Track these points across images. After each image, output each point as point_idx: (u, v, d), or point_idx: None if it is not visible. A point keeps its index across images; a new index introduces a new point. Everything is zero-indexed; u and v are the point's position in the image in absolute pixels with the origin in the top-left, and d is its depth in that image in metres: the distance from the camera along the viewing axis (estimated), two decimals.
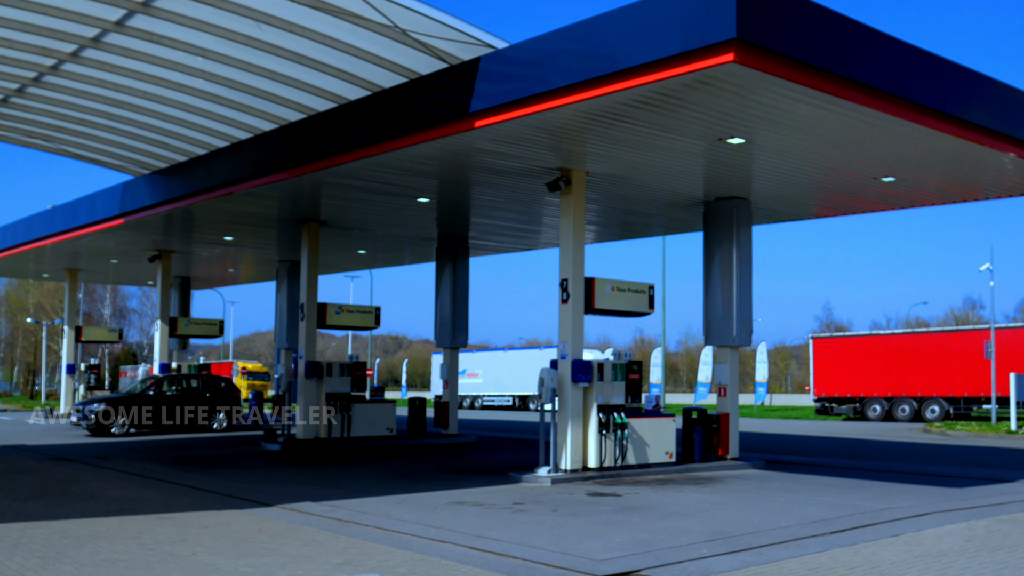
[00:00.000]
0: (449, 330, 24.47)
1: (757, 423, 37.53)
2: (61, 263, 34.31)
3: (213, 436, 26.31)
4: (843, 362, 41.48)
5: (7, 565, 8.35)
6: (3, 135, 21.19)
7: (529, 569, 8.52)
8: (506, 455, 20.86)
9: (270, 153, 18.25)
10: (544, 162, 16.05)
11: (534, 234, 24.59)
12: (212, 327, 33.61)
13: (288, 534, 10.30)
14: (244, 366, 58.49)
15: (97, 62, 15.89)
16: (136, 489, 14.17)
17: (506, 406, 52.99)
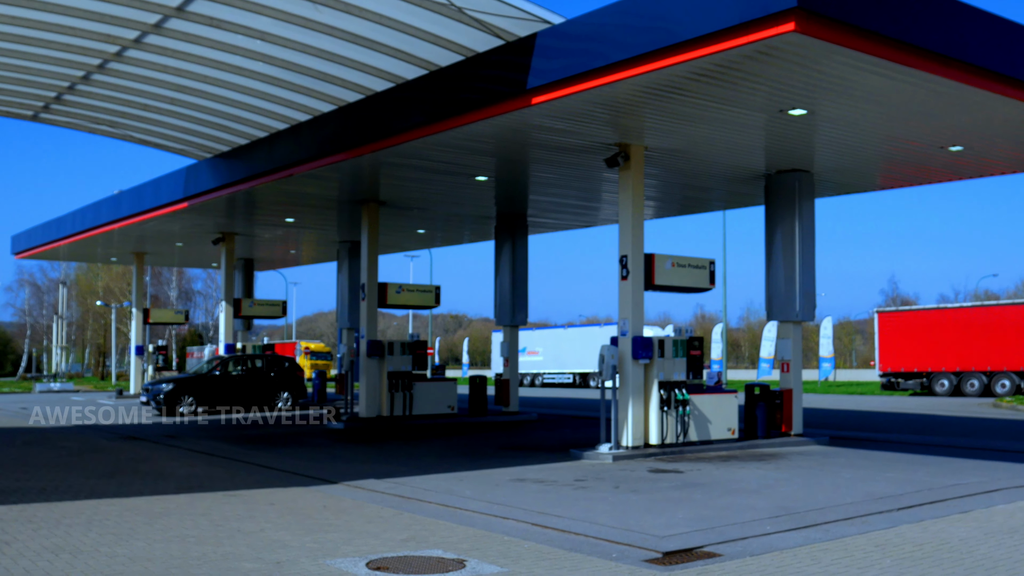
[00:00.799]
0: (509, 308, 24.50)
1: (821, 399, 37.07)
2: (128, 247, 35.04)
3: (277, 415, 26.73)
4: (910, 336, 40.71)
5: (83, 541, 8.58)
6: (70, 122, 21.64)
7: (591, 545, 8.52)
8: (567, 432, 20.88)
9: (329, 134, 18.39)
10: (602, 138, 15.94)
11: (593, 211, 24.48)
12: (275, 308, 34.09)
13: (353, 511, 10.44)
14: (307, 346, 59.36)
15: (159, 48, 16.12)
16: (204, 467, 14.46)
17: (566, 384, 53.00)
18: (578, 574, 7.38)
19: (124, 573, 7.32)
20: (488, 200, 22.80)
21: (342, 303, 29.25)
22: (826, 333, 47.97)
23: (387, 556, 7.98)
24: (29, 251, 37.22)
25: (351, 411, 23.25)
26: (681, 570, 7.53)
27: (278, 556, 7.96)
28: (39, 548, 8.24)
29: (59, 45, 16.18)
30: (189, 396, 26.54)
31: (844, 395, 42.23)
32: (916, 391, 40.73)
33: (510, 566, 7.63)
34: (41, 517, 9.80)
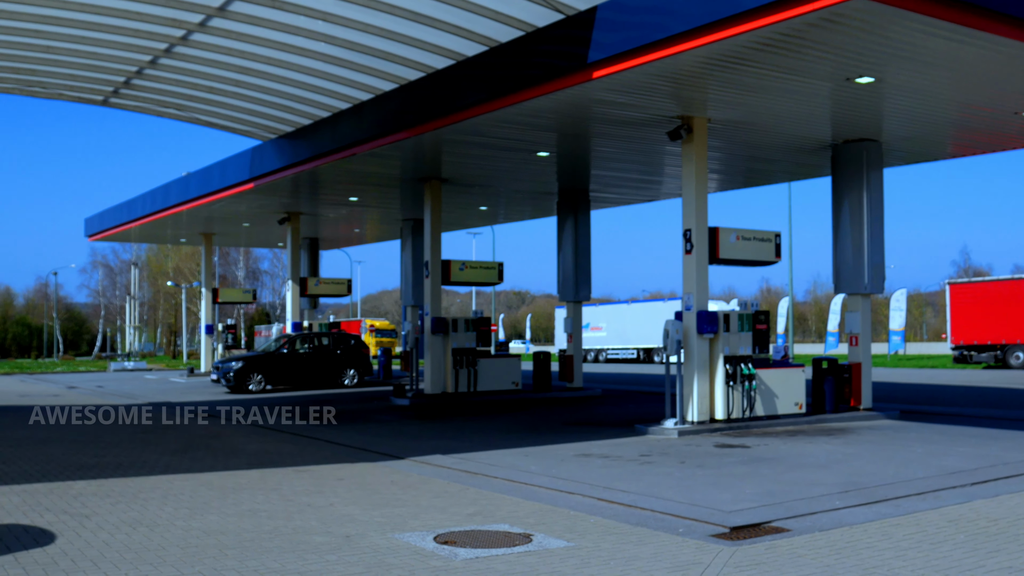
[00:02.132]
0: (572, 284, 24.47)
1: (891, 373, 36.43)
2: (197, 228, 35.70)
3: (344, 392, 27.11)
4: (983, 308, 39.71)
5: (158, 515, 8.82)
6: (139, 106, 22.07)
7: (658, 520, 8.51)
8: (631, 408, 20.84)
9: (391, 113, 18.48)
10: (664, 111, 15.77)
11: (655, 185, 24.28)
12: (341, 286, 34.48)
13: (420, 486, 10.56)
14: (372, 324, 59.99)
15: (223, 31, 16.33)
16: (274, 443, 14.74)
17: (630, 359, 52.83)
18: (644, 549, 7.38)
19: (199, 546, 7.51)
20: (550, 176, 22.75)
21: (406, 281, 29.49)
22: (897, 306, 47.06)
23: (454, 530, 8.06)
24: (102, 233, 38.13)
25: (416, 388, 23.47)
26: (749, 545, 7.49)
27: (347, 530, 8.09)
28: (117, 522, 8.48)
29: (127, 31, 16.48)
30: (258, 374, 27.04)
31: (915, 368, 41.46)
32: (990, 364, 39.79)
33: (576, 540, 7.66)
34: (119, 492, 10.09)
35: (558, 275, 25.04)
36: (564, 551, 7.31)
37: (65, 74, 19.51)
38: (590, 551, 7.31)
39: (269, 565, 6.89)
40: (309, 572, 6.69)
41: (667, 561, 6.98)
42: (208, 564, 6.92)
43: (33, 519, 8.61)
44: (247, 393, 26.49)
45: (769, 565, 6.83)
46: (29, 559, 7.09)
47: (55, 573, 6.67)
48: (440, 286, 23.39)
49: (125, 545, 7.56)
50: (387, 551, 7.32)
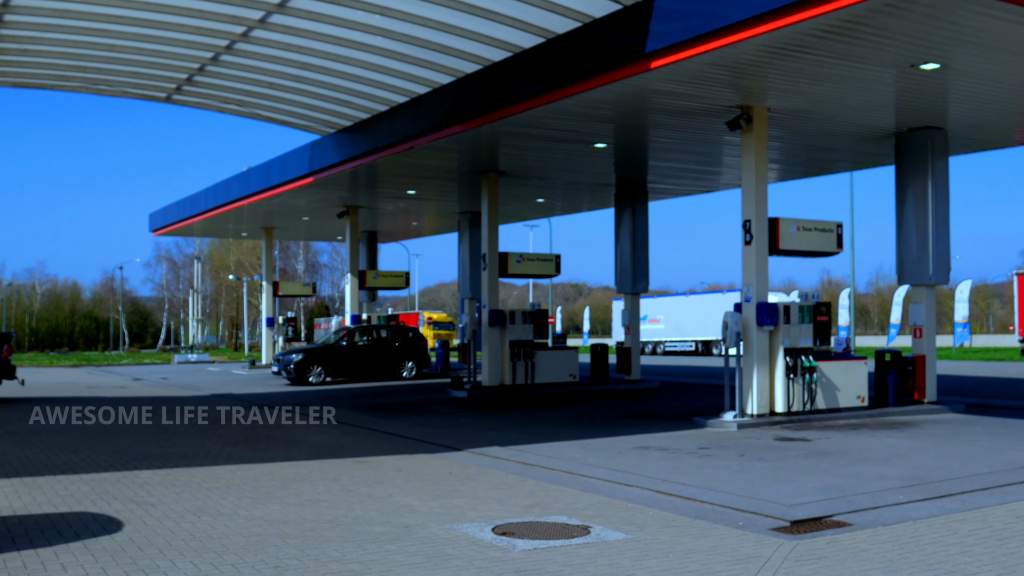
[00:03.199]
0: (630, 276, 24.35)
1: (956, 365, 35.68)
2: (257, 222, 36.21)
3: (402, 384, 27.32)
4: None
5: (222, 503, 8.98)
6: (201, 102, 22.41)
7: (717, 513, 8.44)
8: (690, 400, 20.70)
9: (448, 106, 18.54)
10: (723, 100, 15.61)
11: (713, 175, 24.06)
12: (399, 279, 34.73)
13: (478, 477, 10.60)
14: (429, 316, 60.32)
15: (283, 26, 16.50)
16: (333, 434, 14.90)
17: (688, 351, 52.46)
18: (704, 542, 7.33)
19: (262, 535, 7.62)
20: (607, 167, 22.66)
21: (463, 273, 29.60)
22: (962, 297, 46.08)
23: (512, 522, 8.09)
24: (165, 228, 38.86)
25: (474, 380, 23.56)
26: (810, 539, 7.39)
27: (407, 520, 8.15)
28: (182, 510, 8.65)
29: (190, 28, 16.74)
30: (318, 366, 27.37)
31: (981, 361, 40.54)
32: None
33: (635, 533, 7.64)
34: (183, 481, 10.28)
35: (616, 267, 24.94)
36: (622, 543, 7.30)
37: (130, 72, 19.88)
38: (649, 544, 7.28)
39: (330, 554, 6.97)
40: (369, 562, 6.76)
41: (727, 555, 6.93)
42: (270, 553, 7.03)
43: (101, 507, 8.82)
44: (307, 385, 26.82)
45: (831, 559, 6.74)
46: (98, 546, 7.26)
47: (123, 560, 6.82)
48: (497, 278, 23.43)
49: (190, 533, 7.70)
50: (446, 542, 7.37)
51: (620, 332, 25.77)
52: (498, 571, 6.50)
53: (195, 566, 6.67)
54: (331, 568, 6.59)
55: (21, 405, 20.21)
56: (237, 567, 6.63)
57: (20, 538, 7.53)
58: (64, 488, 9.88)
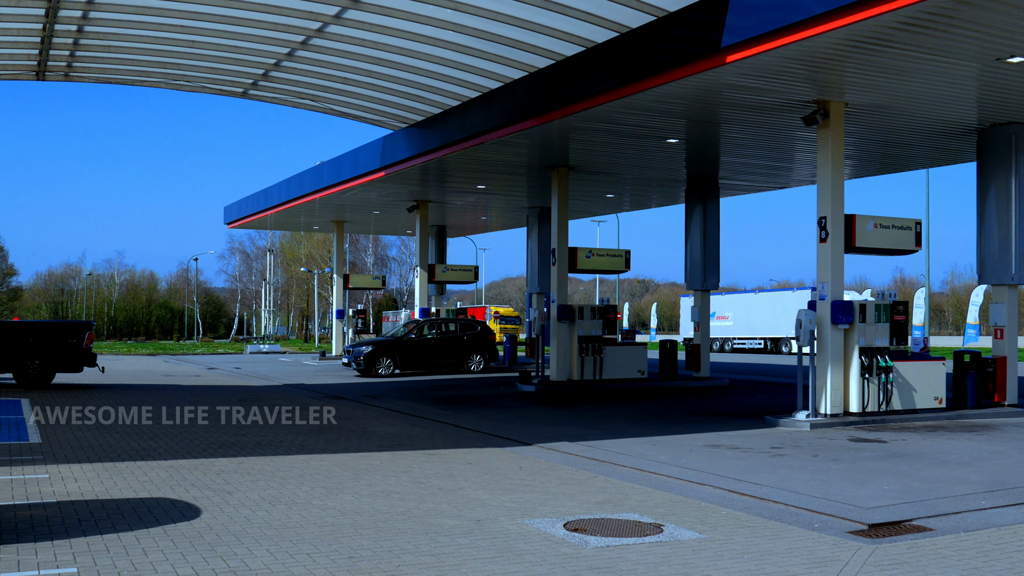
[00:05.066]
0: (700, 272, 24.12)
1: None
2: (329, 215, 36.67)
3: (470, 377, 27.43)
4: None
5: (296, 493, 9.10)
6: (276, 98, 22.75)
7: (791, 514, 8.31)
8: (761, 399, 20.43)
9: (519, 101, 18.53)
10: (799, 95, 15.35)
11: (786, 172, 23.70)
12: (468, 273, 34.88)
13: (547, 472, 10.59)
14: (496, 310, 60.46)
15: (357, 22, 16.66)
16: (403, 426, 15.01)
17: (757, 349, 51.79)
18: (779, 543, 7.22)
19: (335, 525, 7.71)
20: (678, 163, 22.45)
21: (532, 268, 29.61)
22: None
23: (584, 518, 8.06)
24: (239, 221, 39.57)
25: (542, 374, 23.55)
26: (889, 543, 7.24)
27: (478, 514, 8.18)
28: (257, 499, 8.79)
29: (266, 24, 16.99)
30: (387, 358, 27.62)
31: None
32: None
33: (708, 532, 7.55)
34: (258, 470, 10.45)
35: (685, 263, 24.72)
36: (696, 543, 7.22)
37: (208, 67, 20.25)
38: (723, 544, 7.20)
39: (403, 546, 7.02)
40: (442, 555, 6.79)
41: (803, 557, 6.81)
42: (344, 543, 7.10)
43: (180, 494, 9.00)
44: (376, 377, 27.08)
45: (912, 565, 6.59)
46: (177, 532, 7.41)
47: (201, 547, 6.95)
48: (567, 274, 23.39)
49: (265, 522, 7.82)
50: (517, 536, 7.37)
51: (688, 328, 25.57)
52: (571, 568, 6.48)
53: (271, 554, 6.77)
54: (405, 560, 6.63)
55: (101, 391, 20.75)
56: (312, 556, 6.71)
57: (102, 522, 7.72)
58: (143, 474, 10.11)
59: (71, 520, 7.78)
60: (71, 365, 21.74)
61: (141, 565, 6.43)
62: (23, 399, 18.40)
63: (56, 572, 6.25)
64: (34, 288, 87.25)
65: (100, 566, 6.39)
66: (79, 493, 8.98)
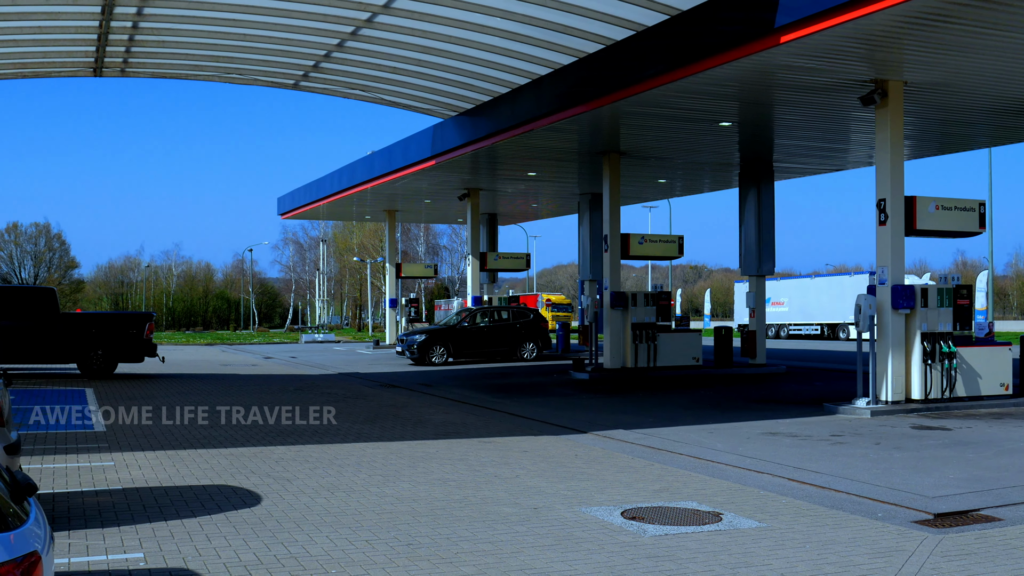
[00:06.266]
0: (755, 258, 23.84)
1: None
2: (380, 205, 36.86)
3: (523, 365, 27.44)
4: None
5: (354, 481, 9.16)
6: (327, 88, 22.89)
7: (853, 503, 8.17)
8: (819, 385, 20.16)
9: (569, 87, 18.43)
10: (856, 74, 15.05)
11: (842, 153, 23.32)
12: (519, 260, 34.86)
13: (603, 460, 10.54)
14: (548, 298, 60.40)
15: (406, 11, 16.67)
16: (458, 414, 15.05)
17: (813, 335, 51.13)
18: (841, 533, 7.10)
19: (393, 512, 7.74)
20: (731, 146, 22.19)
21: (583, 255, 29.49)
22: None
23: (641, 506, 8.00)
24: (293, 211, 39.95)
25: (595, 362, 23.47)
26: (956, 533, 7.08)
27: (535, 502, 8.16)
28: (316, 486, 8.86)
29: (317, 16, 17.08)
30: (440, 346, 27.73)
31: None
32: None
33: (768, 521, 7.46)
34: (316, 458, 10.54)
35: (740, 249, 24.45)
36: (756, 531, 7.13)
37: (260, 60, 20.43)
38: (783, 533, 7.10)
39: (460, 533, 7.03)
40: (500, 542, 6.79)
41: (866, 547, 6.69)
42: (403, 530, 7.13)
43: (240, 481, 9.11)
44: (430, 365, 27.21)
45: (980, 556, 6.44)
46: (239, 519, 7.50)
47: (262, 533, 7.03)
48: (619, 260, 23.26)
49: (324, 509, 7.88)
50: (575, 524, 7.34)
51: (743, 315, 25.28)
52: (630, 556, 6.44)
53: (331, 540, 6.82)
54: (463, 547, 6.64)
55: (162, 380, 21.11)
56: (371, 543, 6.75)
57: (166, 508, 7.85)
58: (205, 461, 10.25)
59: (136, 507, 7.91)
60: (133, 355, 22.15)
61: (205, 551, 6.51)
62: (87, 389, 18.77)
63: (123, 557, 6.36)
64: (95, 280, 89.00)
65: (165, 551, 6.49)
66: (143, 480, 9.13)
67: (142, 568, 6.13)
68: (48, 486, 8.77)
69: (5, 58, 19.52)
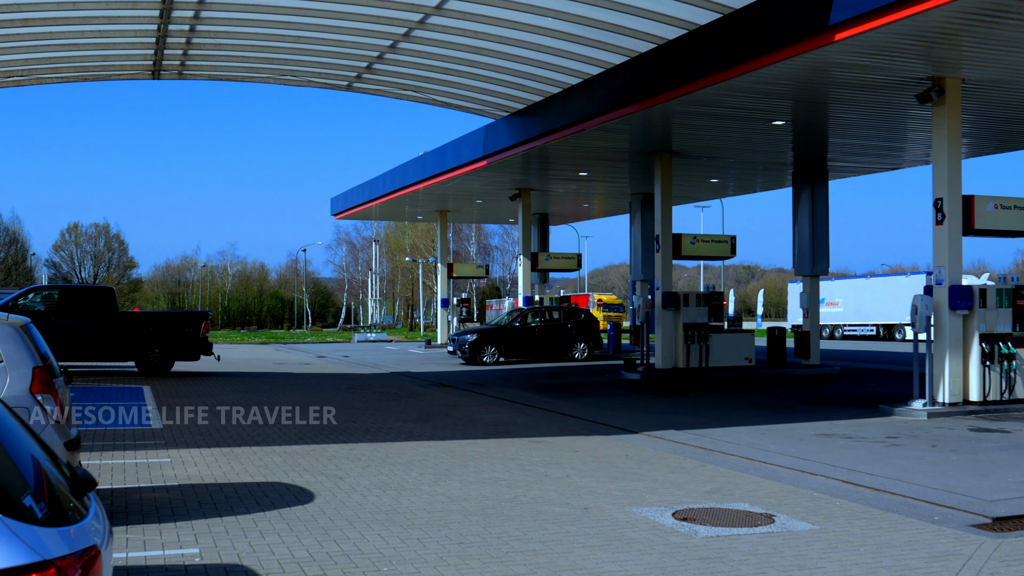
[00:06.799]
0: (808, 257, 23.58)
1: None
2: (432, 205, 37.06)
3: (574, 365, 27.41)
4: None
5: (405, 479, 9.23)
6: (379, 90, 23.08)
7: (909, 506, 8.06)
8: (873, 387, 19.87)
9: (621, 86, 18.39)
10: (912, 72, 14.82)
11: (897, 152, 22.98)
12: (571, 261, 34.83)
13: (655, 460, 10.50)
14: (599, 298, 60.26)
15: (458, 12, 16.76)
16: (508, 414, 15.09)
17: (869, 336, 50.39)
18: (897, 536, 7.01)
19: (444, 511, 7.79)
20: (784, 145, 21.96)
21: (635, 255, 29.38)
22: None
23: (693, 507, 7.96)
24: (346, 212, 40.34)
25: (647, 362, 23.38)
26: (1016, 538, 6.95)
27: (585, 502, 8.16)
28: (368, 484, 8.95)
29: (370, 17, 17.24)
30: (492, 346, 27.81)
31: None
32: None
33: (822, 524, 7.38)
34: (368, 456, 10.64)
35: (793, 248, 24.21)
36: (809, 534, 7.06)
37: (314, 62, 20.68)
38: (837, 535, 7.02)
39: (511, 533, 7.06)
40: (550, 542, 6.80)
41: (923, 550, 6.59)
42: (454, 529, 7.18)
43: (293, 479, 9.23)
44: (481, 365, 27.30)
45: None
46: (292, 515, 7.60)
47: (315, 530, 7.12)
48: (671, 260, 23.15)
49: (376, 507, 7.96)
50: (626, 525, 7.33)
51: (796, 315, 25.02)
52: (681, 557, 6.42)
53: (383, 539, 6.89)
54: (513, 547, 6.67)
55: (217, 379, 21.44)
56: (423, 541, 6.80)
57: (221, 505, 7.98)
58: (259, 459, 10.40)
59: (192, 503, 8.05)
60: (189, 354, 22.50)
61: (259, 547, 6.62)
62: (145, 386, 19.14)
63: (179, 552, 6.49)
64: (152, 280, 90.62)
65: (220, 547, 6.60)
66: (199, 477, 9.29)
67: (198, 564, 6.25)
68: (106, 482, 8.97)
69: (67, 62, 19.97)
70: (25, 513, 2.76)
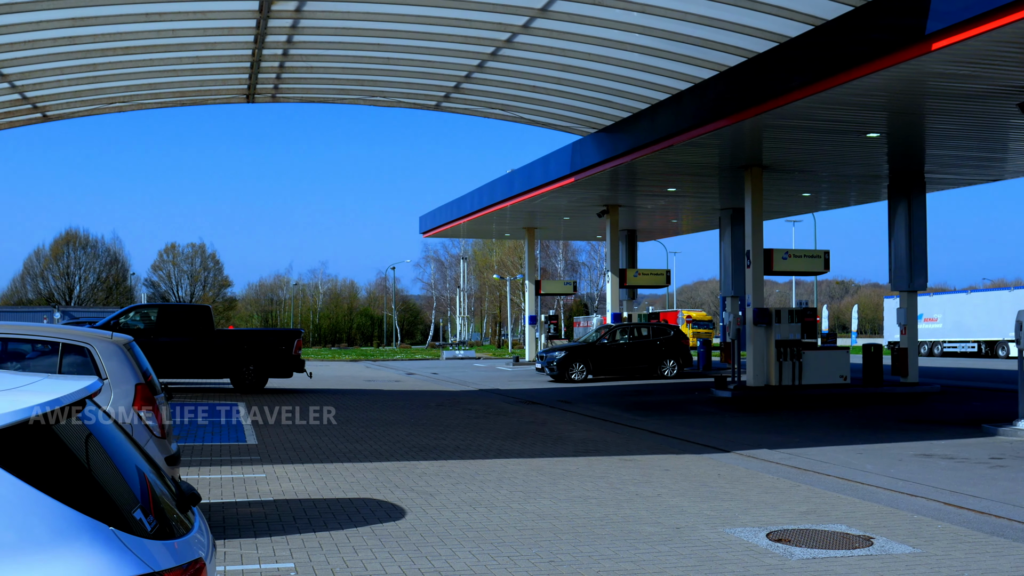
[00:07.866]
0: (905, 272, 22.97)
1: None
2: (520, 222, 37.20)
3: (664, 383, 27.15)
4: None
5: (495, 496, 9.26)
6: (467, 108, 23.29)
7: (1016, 531, 7.76)
8: (976, 405, 19.22)
9: (710, 101, 18.22)
10: (1013, 80, 14.36)
11: (999, 163, 22.26)
12: (659, 277, 34.56)
13: (747, 480, 10.33)
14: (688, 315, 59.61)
15: (544, 30, 16.83)
16: (598, 432, 15.02)
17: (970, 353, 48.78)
18: (1002, 561, 6.76)
19: (534, 529, 7.79)
20: (879, 158, 21.47)
21: (725, 271, 29.00)
22: None
23: (787, 528, 7.81)
24: (434, 230, 40.76)
25: (738, 379, 23.02)
26: None
27: (677, 522, 8.07)
28: (458, 501, 9.00)
29: (457, 38, 17.43)
30: (580, 363, 27.73)
31: None
32: None
33: (923, 547, 7.16)
34: (458, 473, 10.70)
35: (889, 263, 23.60)
36: (909, 557, 6.86)
37: (403, 83, 20.98)
38: (939, 559, 6.80)
39: (602, 552, 7.01)
40: (642, 561, 6.74)
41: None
42: (544, 547, 7.16)
43: (384, 495, 9.34)
44: (569, 382, 27.24)
45: None
46: (384, 532, 7.68)
47: (407, 547, 7.18)
48: (762, 276, 22.78)
49: (467, 524, 7.99)
50: (718, 545, 7.22)
51: (893, 331, 24.35)
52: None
53: (473, 556, 6.91)
54: (604, 566, 6.62)
55: (309, 395, 21.83)
56: (513, 559, 6.81)
57: (315, 520, 8.11)
58: (351, 475, 10.55)
59: (287, 518, 8.21)
60: (282, 371, 22.95)
61: (352, 563, 6.70)
62: (240, 403, 19.59)
63: (275, 567, 6.61)
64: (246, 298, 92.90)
65: (314, 562, 6.71)
66: (293, 492, 9.47)
67: None
68: (204, 496, 9.19)
69: (166, 87, 20.66)
70: (135, 526, 2.84)
